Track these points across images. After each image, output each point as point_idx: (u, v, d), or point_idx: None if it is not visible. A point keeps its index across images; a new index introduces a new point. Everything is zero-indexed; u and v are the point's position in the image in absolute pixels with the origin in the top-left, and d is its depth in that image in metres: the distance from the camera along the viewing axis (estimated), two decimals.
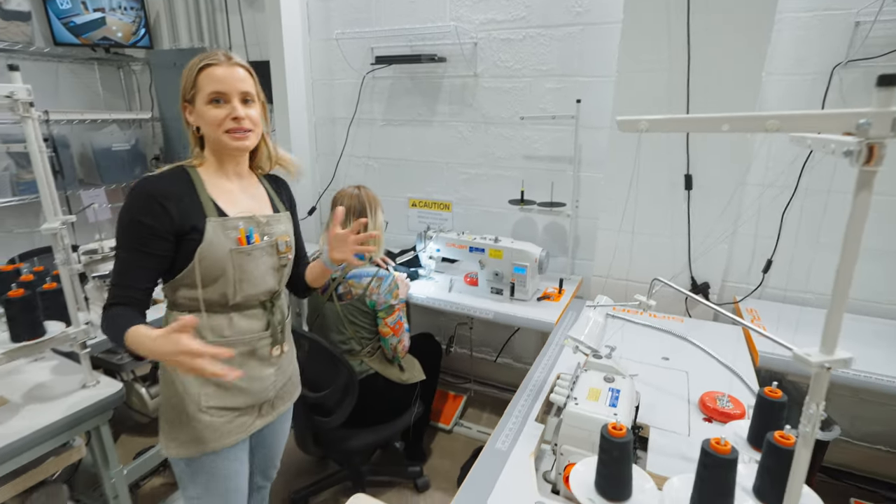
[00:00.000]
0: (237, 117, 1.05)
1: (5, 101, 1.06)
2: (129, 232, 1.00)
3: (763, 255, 1.96)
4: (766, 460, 0.79)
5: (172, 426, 1.10)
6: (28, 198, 2.56)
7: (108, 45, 2.91)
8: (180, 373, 1.07)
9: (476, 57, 2.30)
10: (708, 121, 0.57)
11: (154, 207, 0.98)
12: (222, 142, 1.06)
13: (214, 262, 1.04)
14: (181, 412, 1.09)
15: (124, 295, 1.00)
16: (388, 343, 1.72)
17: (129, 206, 1.00)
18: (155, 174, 1.05)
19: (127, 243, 1.01)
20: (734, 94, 1.71)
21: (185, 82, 1.07)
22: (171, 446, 1.10)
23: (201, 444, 1.10)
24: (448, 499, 1.98)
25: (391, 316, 1.68)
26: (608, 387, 1.17)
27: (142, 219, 0.98)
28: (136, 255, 1.00)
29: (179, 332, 0.84)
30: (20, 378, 1.35)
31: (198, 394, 1.08)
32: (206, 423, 1.09)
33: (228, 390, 1.11)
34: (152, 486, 2.04)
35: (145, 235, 0.99)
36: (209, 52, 1.07)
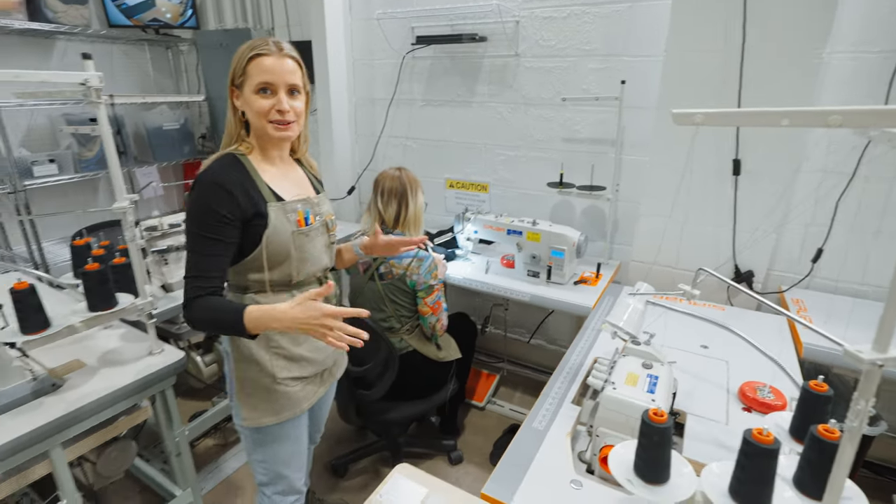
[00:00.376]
0: (282, 110, 1.08)
1: (79, 88, 1.14)
2: (202, 222, 1.02)
3: (813, 244, 1.89)
4: (809, 453, 0.79)
5: (251, 398, 1.18)
6: (88, 175, 2.72)
7: (158, 26, 3.01)
8: (258, 348, 1.15)
9: (518, 36, 2.26)
10: (766, 115, 0.57)
11: (223, 195, 1.03)
12: (266, 131, 1.10)
13: (280, 245, 1.10)
14: (258, 385, 1.17)
15: (206, 286, 1.02)
16: (427, 322, 1.78)
17: (199, 196, 1.03)
18: (213, 164, 1.08)
19: (202, 234, 1.03)
20: (792, 74, 1.64)
21: (234, 68, 1.09)
22: (251, 417, 1.18)
23: (279, 413, 1.19)
24: (481, 473, 2.06)
25: (430, 296, 1.73)
26: (646, 373, 1.19)
27: (215, 207, 1.02)
28: (211, 245, 1.03)
29: (314, 300, 0.94)
30: (94, 343, 1.48)
31: (271, 367, 1.16)
32: (283, 392, 1.18)
33: (297, 362, 1.20)
34: (206, 445, 2.20)
35: (219, 223, 1.03)
36: (261, 40, 1.08)
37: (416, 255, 1.71)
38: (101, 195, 3.07)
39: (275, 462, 1.26)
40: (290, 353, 1.19)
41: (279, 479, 1.28)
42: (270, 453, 1.24)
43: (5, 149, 2.30)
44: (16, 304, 1.13)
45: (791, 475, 0.83)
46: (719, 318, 1.73)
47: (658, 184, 1.97)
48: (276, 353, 1.17)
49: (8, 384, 1.19)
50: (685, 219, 1.95)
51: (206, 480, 2.00)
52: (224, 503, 1.92)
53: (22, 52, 2.62)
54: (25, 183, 2.41)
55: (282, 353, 1.17)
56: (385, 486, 1.01)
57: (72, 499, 1.23)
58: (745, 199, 1.83)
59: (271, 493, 1.29)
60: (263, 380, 1.17)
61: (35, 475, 1.19)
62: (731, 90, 1.72)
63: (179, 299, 1.78)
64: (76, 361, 1.38)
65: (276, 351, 1.17)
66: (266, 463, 1.26)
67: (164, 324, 1.87)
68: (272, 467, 1.26)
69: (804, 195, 1.85)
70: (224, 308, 1.02)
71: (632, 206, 2.18)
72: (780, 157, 1.74)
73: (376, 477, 2.06)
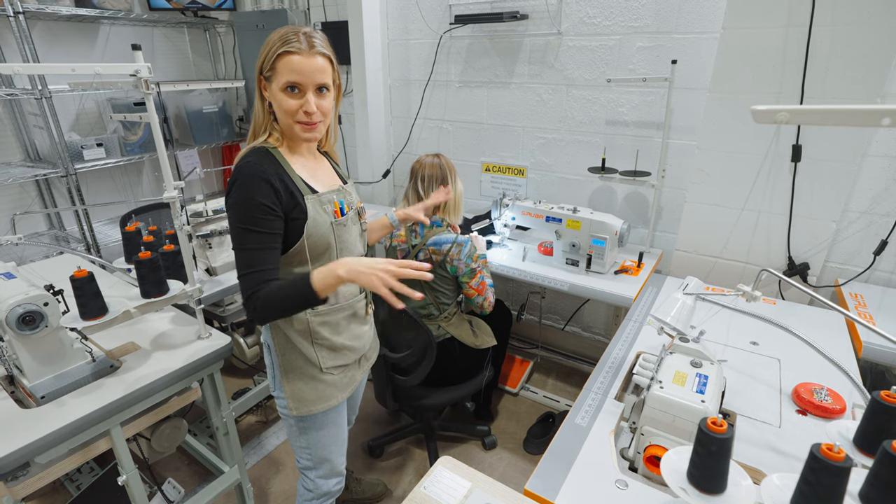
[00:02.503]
0: (309, 111, 1.06)
1: (130, 79, 1.15)
2: (249, 216, 1.01)
3: (876, 235, 1.77)
4: (880, 469, 0.75)
5: (298, 389, 1.21)
6: (134, 158, 2.80)
7: (196, 8, 3.03)
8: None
9: (561, 13, 2.16)
10: (862, 114, 0.52)
11: (265, 188, 1.03)
12: (293, 130, 1.09)
13: (320, 236, 1.10)
14: (305, 375, 1.21)
15: (263, 279, 1.02)
16: (475, 302, 1.80)
17: (242, 191, 1.02)
18: (249, 158, 1.07)
19: (250, 228, 1.02)
20: (866, 56, 1.51)
21: (263, 59, 1.06)
22: (299, 406, 1.22)
23: (327, 400, 1.23)
24: (514, 459, 2.07)
25: (474, 279, 1.73)
26: (695, 372, 1.15)
27: (260, 200, 1.02)
28: (261, 238, 1.03)
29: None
30: (145, 327, 1.54)
31: (317, 358, 1.20)
32: (330, 381, 1.23)
33: (339, 351, 1.23)
34: (248, 422, 2.29)
35: (265, 216, 1.02)
36: (292, 33, 1.03)
37: (456, 241, 1.70)
38: (146, 177, 3.17)
39: (318, 447, 1.29)
40: (333, 344, 1.21)
41: (323, 463, 1.32)
42: (315, 439, 1.28)
43: (58, 133, 2.39)
44: (76, 290, 1.18)
45: (857, 490, 0.79)
46: (771, 312, 1.66)
47: (707, 170, 1.87)
48: (319, 345, 1.19)
49: (70, 365, 1.26)
50: (736, 207, 1.86)
51: (249, 456, 2.09)
52: (266, 477, 2.00)
53: (69, 37, 2.69)
54: (77, 166, 2.50)
55: (325, 345, 1.20)
56: (428, 478, 1.02)
57: (131, 473, 1.30)
58: (803, 186, 1.72)
59: (315, 477, 1.34)
60: (310, 370, 1.20)
61: (97, 450, 1.26)
62: (795, 72, 1.60)
63: (224, 283, 1.86)
64: (131, 344, 1.44)
65: (319, 343, 1.19)
66: (310, 449, 1.30)
67: (209, 307, 1.93)
68: (316, 452, 1.30)
69: (868, 183, 1.73)
70: (288, 286, 1.02)
71: (678, 192, 2.10)
72: (846, 142, 1.63)
73: (411, 458, 2.11)
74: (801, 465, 0.73)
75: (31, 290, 1.15)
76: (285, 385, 1.22)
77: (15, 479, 1.15)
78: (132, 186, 3.11)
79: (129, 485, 1.30)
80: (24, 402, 1.22)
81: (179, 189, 1.29)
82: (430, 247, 1.72)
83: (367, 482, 1.91)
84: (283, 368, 1.21)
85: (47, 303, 1.16)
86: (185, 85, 2.78)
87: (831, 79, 1.57)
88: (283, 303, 1.03)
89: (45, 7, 2.36)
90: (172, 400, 1.42)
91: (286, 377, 1.21)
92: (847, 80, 1.55)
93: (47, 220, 2.76)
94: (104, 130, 2.85)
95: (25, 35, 2.26)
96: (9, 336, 1.16)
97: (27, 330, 1.14)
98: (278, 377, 1.23)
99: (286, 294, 1.02)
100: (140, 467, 1.36)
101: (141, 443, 1.52)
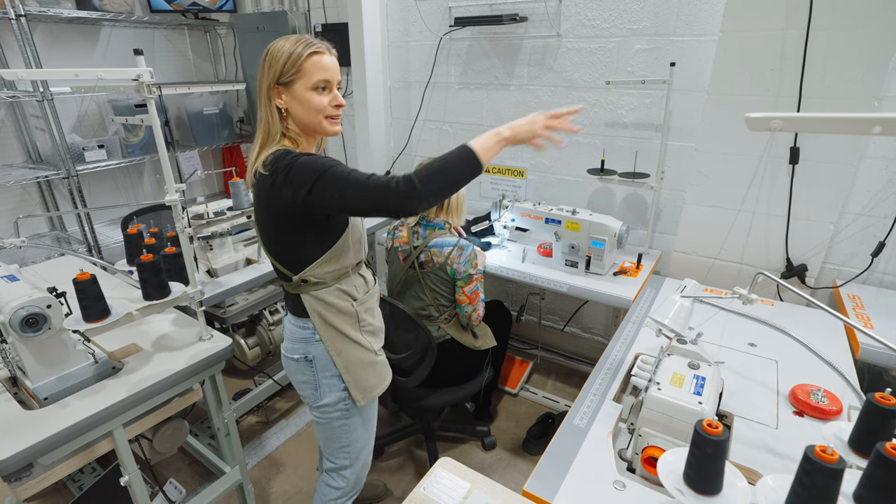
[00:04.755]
0: (340, 104, 1.12)
1: (133, 83, 1.16)
2: (327, 160, 1.03)
3: (874, 237, 1.78)
4: (874, 470, 0.76)
5: (364, 378, 1.25)
6: (135, 159, 2.81)
7: (197, 10, 3.04)
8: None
9: (560, 15, 2.17)
10: (854, 122, 0.52)
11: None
12: (321, 126, 1.13)
13: (356, 225, 1.18)
14: (365, 363, 1.25)
15: (390, 176, 1.01)
16: (464, 311, 1.78)
17: (308, 158, 1.03)
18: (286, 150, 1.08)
19: (336, 162, 1.03)
20: (864, 59, 1.51)
21: (283, 65, 1.07)
22: (366, 395, 1.27)
23: (384, 378, 1.32)
24: (514, 459, 2.08)
25: (469, 285, 1.73)
26: (693, 373, 1.16)
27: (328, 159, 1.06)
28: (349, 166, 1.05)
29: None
30: (147, 329, 1.55)
31: (368, 343, 1.25)
32: (382, 361, 1.32)
33: (377, 334, 1.30)
34: (249, 423, 2.30)
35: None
36: (308, 39, 1.09)
37: (457, 244, 1.71)
38: (147, 179, 3.18)
39: (359, 443, 1.34)
40: (374, 327, 1.28)
41: (360, 458, 1.36)
42: (357, 435, 1.32)
43: (59, 135, 2.40)
44: (79, 293, 1.19)
45: (850, 491, 0.80)
46: (769, 314, 1.67)
47: (706, 171, 1.88)
48: (366, 331, 1.25)
49: (73, 367, 1.27)
50: (734, 208, 1.87)
51: (250, 456, 2.10)
52: (267, 478, 2.01)
53: (71, 39, 2.71)
54: (78, 168, 2.52)
55: (370, 329, 1.26)
56: (428, 479, 1.03)
57: (133, 474, 1.31)
58: (801, 188, 1.73)
59: (350, 474, 1.36)
60: (368, 357, 1.25)
61: (100, 451, 1.27)
62: (793, 74, 1.61)
63: (225, 284, 1.87)
64: (133, 346, 1.45)
65: (366, 329, 1.25)
66: (350, 447, 1.32)
67: (210, 308, 1.94)
68: (356, 448, 1.34)
69: (866, 184, 1.74)
70: (445, 156, 0.99)
71: (676, 194, 2.11)
72: (843, 145, 1.63)
73: (411, 459, 2.12)
74: (797, 466, 0.74)
75: (35, 293, 1.16)
76: (349, 381, 1.23)
77: (18, 480, 1.16)
78: (133, 188, 3.12)
79: (131, 485, 1.32)
80: (27, 403, 1.23)
81: (181, 192, 1.30)
82: (431, 248, 1.73)
83: (368, 482, 1.91)
84: (343, 367, 1.22)
85: (50, 305, 1.17)
86: (187, 87, 2.79)
87: (829, 81, 1.57)
88: (446, 171, 0.98)
89: (46, 10, 2.37)
90: (174, 401, 1.43)
91: (348, 372, 1.23)
92: (845, 82, 1.56)
93: (49, 222, 2.77)
94: (105, 132, 2.86)
95: (27, 38, 2.27)
96: (12, 338, 1.17)
97: (30, 332, 1.15)
98: (331, 382, 1.23)
99: (444, 162, 0.98)
100: (142, 468, 1.37)
101: (143, 443, 1.53)
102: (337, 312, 1.20)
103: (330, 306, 1.19)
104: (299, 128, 1.14)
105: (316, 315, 1.19)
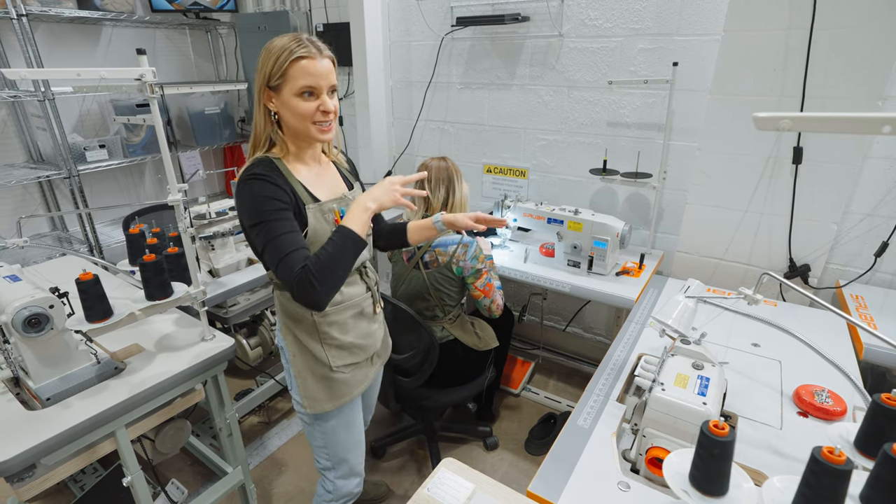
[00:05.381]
0: (328, 111, 1.08)
1: (135, 83, 1.16)
2: (266, 210, 1.02)
3: (877, 237, 1.78)
4: (881, 471, 0.75)
5: (311, 388, 1.24)
6: (136, 159, 2.81)
7: (198, 9, 3.03)
8: (301, 339, 1.21)
9: (562, 15, 2.17)
10: (863, 121, 0.52)
11: (272, 187, 1.04)
12: (310, 133, 1.10)
13: (320, 244, 1.09)
14: (317, 375, 1.23)
15: (304, 256, 1.01)
16: (482, 304, 1.79)
17: (253, 192, 1.03)
18: (252, 167, 1.08)
19: (271, 220, 1.02)
20: (867, 59, 1.51)
21: (271, 69, 1.05)
22: (312, 405, 1.25)
23: (338, 398, 1.26)
24: (516, 459, 2.08)
25: (479, 279, 1.74)
26: (697, 374, 1.15)
27: (271, 195, 1.03)
28: (285, 224, 1.03)
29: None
30: (149, 329, 1.55)
31: (327, 357, 1.22)
32: (340, 379, 1.25)
33: (348, 349, 1.25)
34: (251, 423, 2.30)
35: (281, 210, 1.03)
36: (298, 40, 1.05)
37: (461, 242, 1.71)
38: (148, 178, 3.18)
39: (336, 447, 1.32)
40: (342, 343, 1.23)
41: (341, 463, 1.35)
42: (332, 439, 1.30)
43: (60, 135, 2.40)
44: (81, 293, 1.18)
45: (857, 492, 0.80)
46: (772, 314, 1.66)
47: (708, 171, 1.88)
48: (329, 345, 1.21)
49: (75, 367, 1.26)
50: (737, 208, 1.87)
51: (252, 457, 2.10)
52: (269, 478, 2.01)
53: (72, 39, 2.70)
54: (79, 168, 2.51)
55: (334, 344, 1.22)
56: (432, 480, 1.03)
57: (136, 475, 1.31)
58: (804, 188, 1.73)
59: (334, 478, 1.36)
60: (321, 370, 1.22)
61: (102, 452, 1.27)
62: (795, 75, 1.61)
63: (227, 284, 1.86)
64: (135, 346, 1.45)
65: (328, 342, 1.21)
66: (328, 448, 1.32)
67: (212, 308, 1.94)
68: (334, 452, 1.33)
69: (869, 184, 1.74)
70: (328, 245, 1.01)
71: (679, 194, 2.10)
72: (847, 145, 1.63)
73: (413, 459, 2.11)
74: (802, 467, 0.73)
75: (37, 293, 1.16)
76: (299, 384, 1.24)
77: (21, 481, 1.16)
78: (135, 187, 3.12)
79: (133, 486, 1.31)
80: (29, 403, 1.23)
81: (183, 192, 1.29)
82: (435, 248, 1.72)
83: (370, 483, 1.92)
84: (295, 368, 1.23)
85: (53, 305, 1.16)
86: (188, 87, 2.79)
87: (832, 81, 1.57)
88: (335, 260, 1.00)
89: (48, 9, 2.37)
90: (176, 401, 1.42)
91: (299, 376, 1.24)
92: (848, 82, 1.55)
93: (50, 222, 2.77)
94: (107, 132, 2.85)
95: (29, 37, 2.27)
96: (14, 338, 1.17)
97: (33, 332, 1.14)
98: (292, 378, 1.25)
99: (332, 252, 1.00)
100: (144, 468, 1.37)
101: (145, 444, 1.53)
102: (293, 316, 1.19)
103: (287, 310, 1.20)
104: (291, 133, 1.13)
105: (280, 313, 1.22)
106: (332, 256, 1.00)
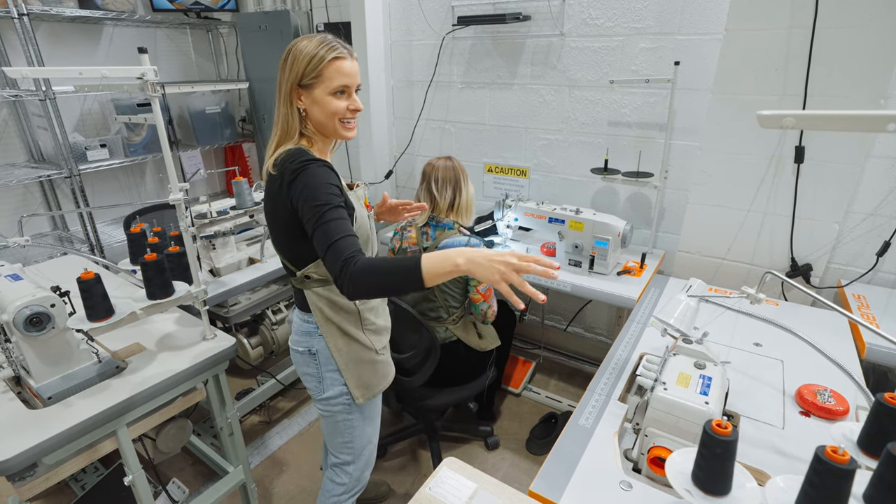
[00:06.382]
0: (357, 108, 1.14)
1: (137, 82, 1.16)
2: (329, 192, 1.03)
3: (879, 237, 1.77)
4: (884, 471, 0.75)
5: (364, 376, 1.27)
6: (137, 158, 2.81)
7: (199, 9, 3.03)
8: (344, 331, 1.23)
9: (563, 14, 2.16)
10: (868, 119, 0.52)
11: (334, 176, 1.08)
12: (337, 130, 1.14)
13: (363, 228, 1.18)
14: (366, 361, 1.27)
15: (356, 246, 1.00)
16: (479, 309, 1.78)
17: (315, 175, 1.04)
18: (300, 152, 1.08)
19: (334, 203, 1.02)
20: (869, 58, 1.51)
21: (304, 68, 1.08)
22: (366, 392, 1.28)
23: (385, 377, 1.33)
24: (517, 459, 2.08)
25: (482, 283, 1.73)
26: (699, 373, 1.15)
27: (332, 181, 1.06)
28: (341, 210, 1.03)
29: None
30: (150, 328, 1.55)
31: (371, 342, 1.26)
32: (384, 360, 1.33)
33: (382, 333, 1.31)
34: (252, 423, 2.30)
35: (338, 194, 1.05)
36: (332, 43, 1.10)
37: (468, 244, 1.70)
38: (149, 178, 3.18)
39: (362, 439, 1.34)
40: (377, 326, 1.28)
41: (362, 454, 1.37)
42: (359, 431, 1.32)
43: (61, 135, 2.40)
44: (83, 292, 1.18)
45: (860, 492, 0.79)
46: (774, 313, 1.66)
47: (710, 171, 1.88)
48: (369, 330, 1.26)
49: (77, 366, 1.26)
50: (738, 208, 1.86)
51: (253, 456, 2.10)
52: (270, 478, 2.01)
53: (73, 38, 2.70)
54: (81, 167, 2.51)
55: (372, 329, 1.27)
56: (434, 479, 1.03)
57: (137, 474, 1.31)
58: (806, 187, 1.73)
59: (353, 470, 1.37)
60: (368, 355, 1.26)
61: (104, 451, 1.27)
62: (797, 74, 1.61)
63: (228, 284, 1.86)
64: (136, 345, 1.45)
65: (369, 328, 1.26)
66: (353, 442, 1.33)
67: (213, 307, 1.94)
68: (359, 444, 1.34)
69: (871, 184, 1.74)
70: (393, 261, 0.96)
71: (680, 193, 2.10)
72: (849, 144, 1.63)
73: (414, 459, 2.11)
74: (804, 466, 0.73)
75: (38, 292, 1.16)
76: (349, 378, 1.25)
77: (22, 480, 1.16)
78: (136, 187, 3.12)
79: (135, 485, 1.31)
80: (31, 402, 1.23)
81: (184, 191, 1.29)
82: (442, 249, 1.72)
83: (371, 482, 1.91)
84: (342, 363, 1.24)
85: (54, 304, 1.16)
86: (190, 86, 2.79)
87: (834, 81, 1.57)
88: (384, 276, 0.95)
89: (49, 9, 2.37)
90: (178, 400, 1.42)
91: (348, 369, 1.25)
92: (850, 82, 1.55)
93: (51, 222, 2.77)
94: (108, 131, 2.86)
95: (30, 36, 2.27)
96: (16, 337, 1.17)
97: (34, 331, 1.14)
98: (332, 376, 1.25)
99: (389, 268, 0.95)
100: (145, 467, 1.37)
101: (146, 443, 1.53)
102: (339, 309, 1.21)
103: (332, 303, 1.20)
104: (315, 129, 1.16)
105: (317, 311, 1.21)
106: (384, 273, 0.95)
